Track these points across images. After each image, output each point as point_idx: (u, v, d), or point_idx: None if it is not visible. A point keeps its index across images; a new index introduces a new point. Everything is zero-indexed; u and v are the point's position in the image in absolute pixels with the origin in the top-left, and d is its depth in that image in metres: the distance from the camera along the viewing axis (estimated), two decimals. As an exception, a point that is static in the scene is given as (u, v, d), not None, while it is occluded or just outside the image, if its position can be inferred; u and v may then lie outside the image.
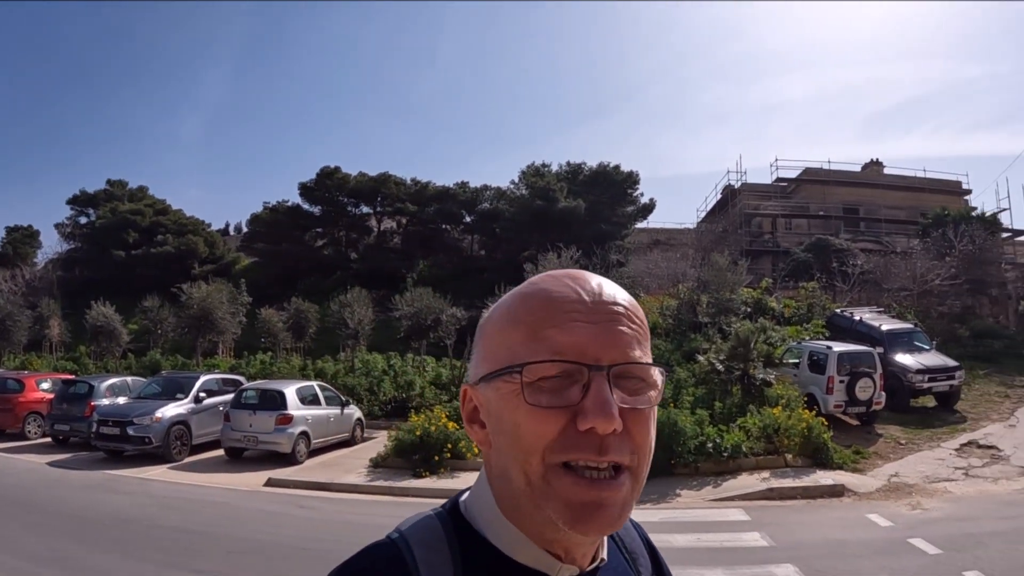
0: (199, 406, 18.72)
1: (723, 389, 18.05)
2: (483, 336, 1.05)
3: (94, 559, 9.06)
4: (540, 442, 0.92)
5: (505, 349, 0.98)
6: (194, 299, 31.61)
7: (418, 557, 0.98)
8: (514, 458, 0.95)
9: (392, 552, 0.99)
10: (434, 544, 1.00)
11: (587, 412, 0.90)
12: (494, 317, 1.04)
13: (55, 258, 59.02)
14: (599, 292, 0.99)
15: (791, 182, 51.50)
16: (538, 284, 1.01)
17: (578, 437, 0.91)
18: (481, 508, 1.04)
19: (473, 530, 1.02)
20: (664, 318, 29.83)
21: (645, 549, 1.26)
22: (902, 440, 17.43)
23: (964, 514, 11.35)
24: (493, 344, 1.01)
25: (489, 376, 0.99)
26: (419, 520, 1.06)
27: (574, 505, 0.92)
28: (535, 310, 0.97)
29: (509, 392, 0.95)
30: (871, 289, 33.64)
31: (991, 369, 24.93)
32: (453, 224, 52.76)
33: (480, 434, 1.03)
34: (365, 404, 23.52)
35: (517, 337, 0.97)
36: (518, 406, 0.93)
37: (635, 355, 0.96)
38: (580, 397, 0.92)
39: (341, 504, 13.24)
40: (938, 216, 38.09)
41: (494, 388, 0.98)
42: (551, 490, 0.92)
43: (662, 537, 10.09)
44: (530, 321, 0.96)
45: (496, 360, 0.98)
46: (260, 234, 53.57)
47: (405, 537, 1.02)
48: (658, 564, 1.27)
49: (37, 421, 21.10)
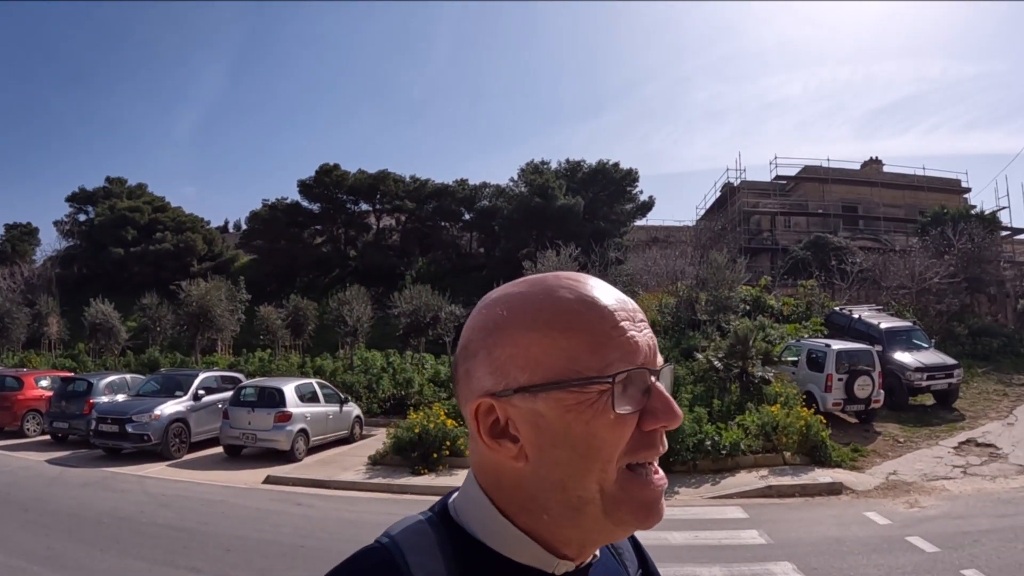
0: (198, 404, 18.72)
1: (721, 387, 18.05)
2: (507, 343, 0.97)
3: (91, 557, 9.04)
4: (617, 448, 0.93)
5: (564, 358, 0.93)
6: (193, 296, 31.61)
7: (411, 562, 0.96)
8: (586, 469, 0.93)
9: (384, 557, 0.98)
10: (426, 548, 0.99)
11: (658, 413, 0.95)
12: (520, 322, 0.96)
13: (54, 255, 59.07)
14: (624, 299, 1.00)
15: (790, 180, 51.52)
16: (579, 289, 0.98)
17: (643, 437, 0.95)
18: (474, 510, 1.02)
19: (465, 532, 1.01)
20: (663, 316, 29.88)
21: (629, 543, 1.27)
22: (900, 438, 17.45)
23: (961, 512, 11.36)
24: (536, 353, 0.94)
25: (541, 388, 0.93)
26: (409, 524, 1.04)
27: (647, 505, 0.96)
28: (596, 318, 0.95)
29: (579, 404, 0.92)
30: (870, 287, 33.65)
31: (989, 367, 24.95)
32: (452, 221, 52.76)
33: (512, 449, 0.97)
34: (364, 402, 23.51)
35: (579, 346, 0.93)
36: (596, 416, 0.92)
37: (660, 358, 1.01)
38: (645, 400, 0.95)
39: (339, 501, 13.23)
40: (937, 214, 38.06)
41: (552, 399, 0.93)
42: (625, 493, 0.95)
43: (659, 535, 10.09)
44: (593, 329, 0.94)
45: (549, 371, 0.93)
46: (259, 231, 53.52)
47: (396, 542, 1.00)
48: (643, 557, 1.28)
49: (36, 419, 21.13)
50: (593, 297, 0.96)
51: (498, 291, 1.05)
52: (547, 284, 1.00)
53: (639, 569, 1.25)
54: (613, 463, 0.93)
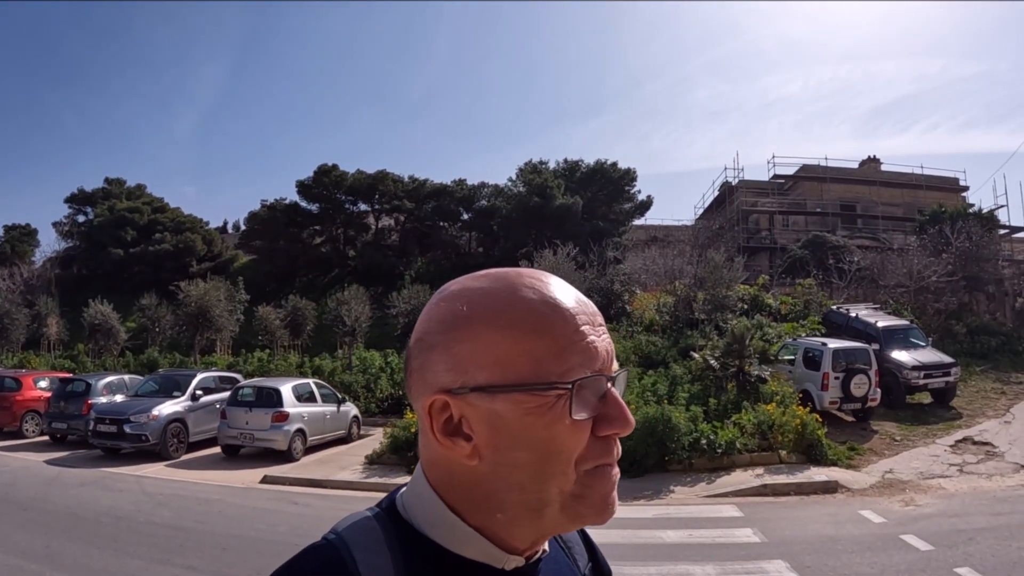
0: (196, 404, 18.76)
1: (718, 386, 18.06)
2: (469, 340, 0.94)
3: (88, 555, 9.07)
4: (575, 453, 0.93)
5: (529, 360, 0.91)
6: (192, 297, 31.63)
7: (358, 559, 0.95)
8: (546, 472, 0.93)
9: (332, 555, 0.96)
10: (374, 545, 0.98)
11: (612, 419, 0.94)
12: (483, 320, 0.94)
13: (53, 256, 59.06)
14: (585, 302, 0.99)
15: (788, 179, 51.52)
16: (543, 290, 0.96)
17: (599, 443, 0.95)
18: (423, 507, 1.01)
19: (413, 529, 1.00)
20: (660, 315, 29.90)
21: (579, 536, 1.27)
22: (897, 436, 17.46)
23: (957, 510, 11.37)
24: (498, 353, 0.93)
25: (500, 388, 0.92)
26: (356, 520, 1.03)
27: (604, 503, 0.96)
28: (560, 322, 0.93)
29: (539, 407, 0.91)
30: (867, 286, 33.68)
31: (987, 366, 24.94)
32: (450, 221, 52.73)
33: (465, 448, 0.94)
34: (362, 401, 23.57)
35: (544, 348, 0.92)
36: (555, 420, 0.91)
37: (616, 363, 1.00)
38: (599, 406, 0.94)
39: (336, 501, 13.25)
40: (935, 213, 38.05)
41: (511, 401, 0.92)
42: (587, 491, 0.95)
43: (654, 533, 10.14)
44: (557, 333, 0.93)
45: (511, 372, 0.92)
46: (258, 232, 53.50)
47: (343, 538, 0.99)
48: (592, 550, 1.28)
49: (35, 419, 21.19)
50: (557, 299, 0.95)
51: (457, 284, 1.01)
52: (510, 282, 0.97)
53: (589, 563, 1.25)
54: (571, 466, 0.92)
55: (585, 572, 1.22)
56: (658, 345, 25.33)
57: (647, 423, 14.62)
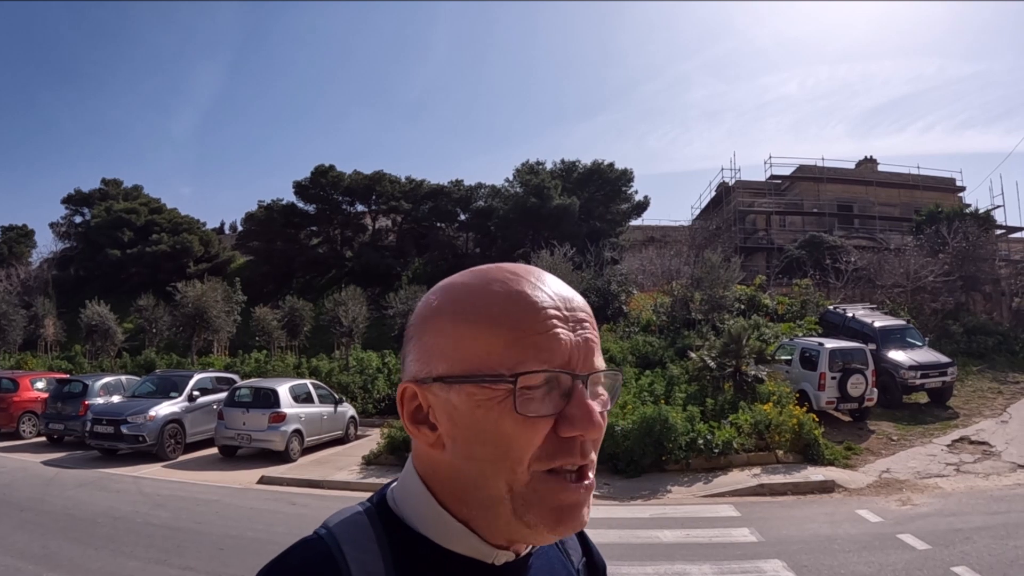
0: (193, 404, 18.75)
1: (715, 386, 18.10)
2: (435, 332, 0.97)
3: (85, 556, 9.07)
4: (527, 451, 0.90)
5: (480, 352, 0.92)
6: (189, 298, 31.59)
7: (348, 555, 0.95)
8: (498, 468, 0.92)
9: (321, 549, 0.97)
10: (362, 542, 0.98)
11: (575, 420, 0.90)
12: (453, 311, 0.96)
13: (50, 257, 59.05)
14: (567, 297, 0.97)
15: (785, 179, 51.51)
16: (509, 283, 0.96)
17: (561, 443, 0.91)
18: (413, 501, 1.01)
19: (403, 524, 1.01)
20: (658, 315, 29.91)
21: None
22: (894, 436, 17.50)
23: (953, 510, 11.40)
24: (456, 344, 0.94)
25: (455, 379, 0.93)
26: (347, 516, 1.03)
27: (560, 510, 0.92)
28: (518, 314, 0.92)
29: (488, 400, 0.91)
30: (864, 286, 33.70)
31: (984, 365, 24.98)
32: (447, 222, 52.65)
33: (430, 436, 0.97)
34: (359, 402, 23.57)
35: (498, 341, 0.92)
36: (503, 415, 0.90)
37: (600, 362, 0.97)
38: (563, 405, 0.91)
39: (333, 501, 13.19)
40: (932, 213, 38.11)
41: (464, 393, 0.92)
42: (536, 497, 0.92)
43: (652, 533, 10.16)
44: (514, 326, 0.92)
45: (465, 363, 0.93)
46: (255, 232, 53.41)
47: (333, 533, 0.99)
48: (587, 546, 1.28)
49: (32, 420, 21.16)
50: (522, 292, 0.94)
51: (446, 279, 1.03)
52: (485, 276, 0.98)
53: (583, 558, 1.24)
54: (523, 464, 0.91)
55: (579, 567, 1.21)
56: (655, 345, 25.34)
57: (644, 423, 14.67)
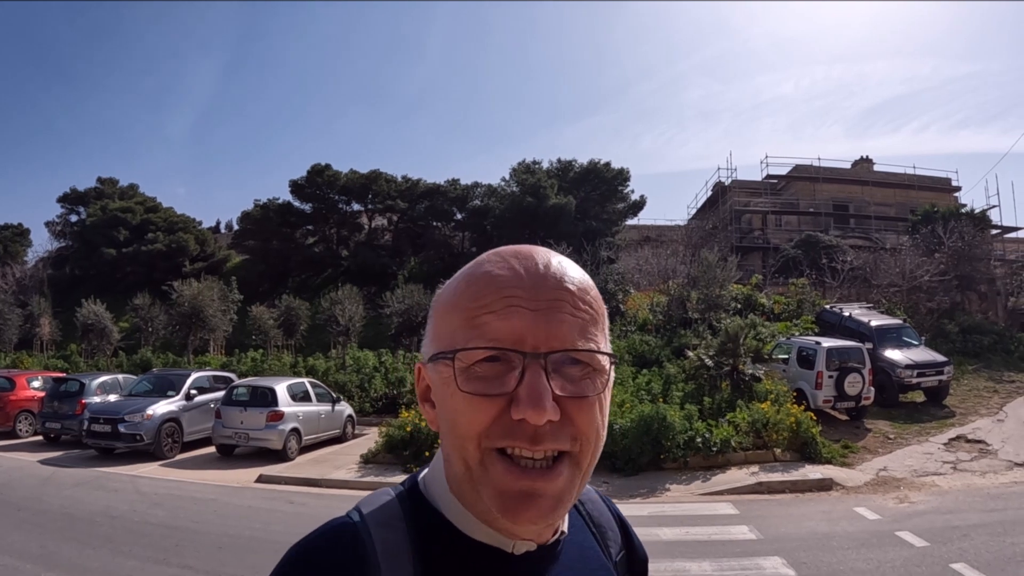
0: (190, 403, 18.70)
1: (712, 384, 18.09)
2: (433, 315, 1.03)
3: (83, 555, 9.05)
4: (474, 428, 0.91)
5: (447, 333, 0.96)
6: (185, 297, 31.57)
7: (375, 536, 0.97)
8: (452, 444, 0.95)
9: (349, 530, 0.98)
10: (391, 523, 1.00)
11: (520, 402, 0.88)
12: (440, 297, 1.02)
13: (45, 256, 58.88)
14: (544, 274, 0.95)
15: (781, 179, 51.58)
16: (482, 265, 0.98)
17: (512, 425, 0.89)
18: (438, 486, 1.03)
19: (432, 508, 1.02)
20: (654, 314, 29.95)
21: (616, 524, 1.26)
22: (891, 435, 17.52)
23: (951, 507, 11.42)
24: (437, 325, 1.00)
25: (433, 359, 0.98)
26: (377, 497, 1.06)
27: (506, 494, 0.90)
28: (475, 295, 0.94)
29: (448, 377, 0.93)
30: (860, 285, 33.74)
31: (980, 364, 25.03)
32: (443, 221, 52.65)
33: (431, 413, 1.02)
34: (356, 401, 23.56)
35: (456, 321, 0.95)
36: (454, 392, 0.92)
37: (578, 342, 0.93)
38: (516, 385, 0.90)
39: (331, 500, 13.22)
40: (927, 213, 38.14)
41: (436, 371, 0.97)
42: (486, 476, 0.92)
43: (651, 530, 10.15)
44: (469, 306, 0.94)
45: (439, 342, 0.97)
46: (251, 231, 53.37)
47: (363, 515, 1.01)
48: (629, 539, 1.28)
49: (29, 419, 21.10)
50: (486, 273, 0.96)
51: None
52: (475, 261, 1.02)
53: (623, 550, 1.24)
54: (472, 441, 0.91)
55: (617, 560, 1.21)
56: (652, 344, 25.37)
57: (642, 421, 14.68)
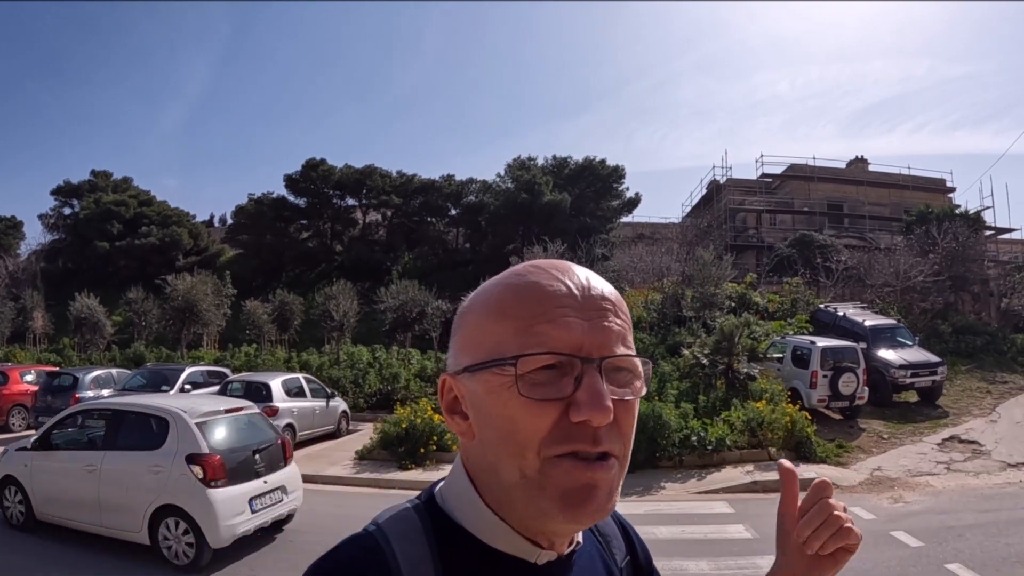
0: (184, 398, 18.64)
1: (707, 383, 18.11)
2: (464, 326, 1.03)
3: (80, 552, 9.03)
4: (536, 435, 0.92)
5: (493, 342, 0.96)
6: (178, 291, 31.55)
7: (397, 550, 0.97)
8: (508, 452, 0.94)
9: (371, 544, 0.98)
10: (412, 536, 1.00)
11: (581, 404, 0.91)
12: (476, 307, 1.02)
13: (38, 249, 58.65)
14: (588, 287, 0.99)
15: (776, 178, 51.60)
16: (527, 276, 0.99)
17: (572, 429, 0.92)
18: (458, 498, 1.04)
19: (451, 520, 1.02)
20: (648, 312, 29.93)
21: (619, 531, 1.28)
22: (885, 434, 17.56)
23: (945, 507, 11.45)
24: (478, 335, 0.99)
25: (474, 367, 0.97)
26: (396, 512, 1.05)
27: (570, 491, 0.92)
28: (527, 304, 0.96)
29: (499, 385, 0.94)
30: (854, 285, 33.81)
31: (973, 365, 25.10)
32: (438, 217, 52.67)
33: (462, 425, 1.02)
34: (350, 396, 23.56)
35: (507, 330, 0.95)
36: (510, 399, 0.93)
37: (622, 348, 0.98)
38: (572, 390, 0.92)
39: (326, 496, 13.18)
40: (922, 213, 38.24)
41: (481, 380, 0.96)
42: (547, 480, 0.92)
43: (646, 529, 10.14)
44: (522, 315, 0.95)
45: (482, 352, 0.97)
46: (245, 226, 53.27)
47: (383, 529, 1.01)
48: (632, 546, 1.29)
49: (21, 413, 20.99)
50: (535, 283, 0.97)
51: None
52: (508, 272, 1.03)
53: (627, 556, 1.26)
54: (532, 449, 0.92)
55: (622, 567, 1.23)
56: (646, 342, 25.36)
57: (637, 419, 14.64)
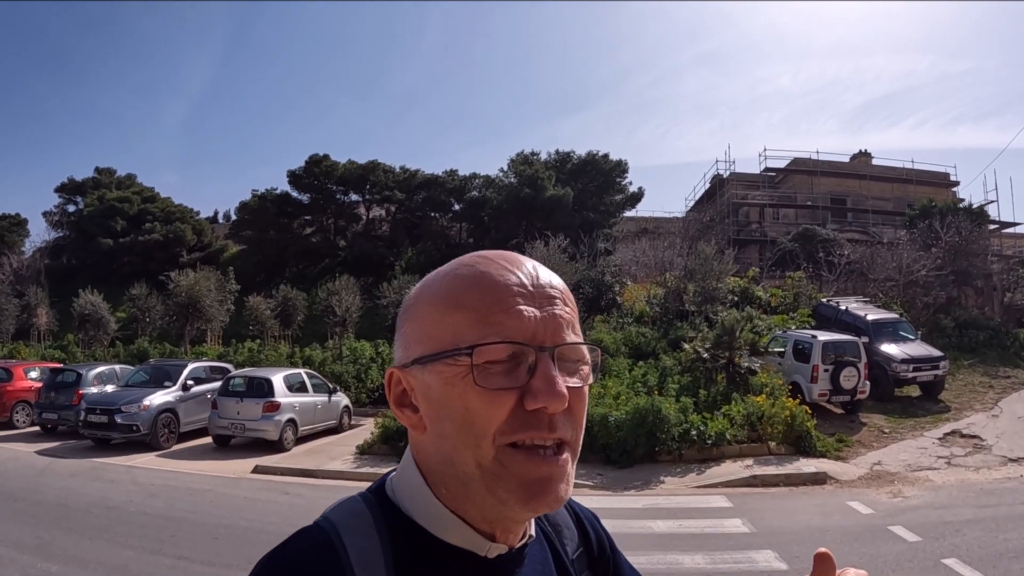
0: (187, 394, 18.74)
1: (708, 377, 18.12)
2: (413, 317, 1.02)
3: (79, 546, 9.08)
4: (491, 425, 0.92)
5: (448, 333, 0.96)
6: (182, 287, 31.54)
7: (347, 543, 0.96)
8: (464, 443, 0.94)
9: (322, 539, 0.98)
10: (363, 529, 0.99)
11: (537, 392, 0.92)
12: (426, 298, 1.02)
13: (43, 246, 58.62)
14: (537, 276, 1.00)
15: (779, 172, 51.54)
16: (476, 267, 1.00)
17: (527, 417, 0.92)
18: (410, 491, 1.04)
19: (401, 512, 1.02)
20: (651, 306, 29.94)
21: (573, 522, 1.27)
22: (886, 429, 17.56)
23: (944, 502, 11.47)
24: (430, 326, 0.99)
25: (427, 359, 0.97)
26: (346, 504, 1.05)
27: (528, 483, 0.93)
28: (482, 295, 0.96)
29: (454, 375, 0.94)
30: (857, 279, 33.70)
31: (975, 360, 25.03)
32: (441, 212, 52.52)
33: (412, 418, 1.02)
34: (352, 392, 23.61)
35: (462, 321, 0.95)
36: (466, 389, 0.93)
37: (572, 337, 0.99)
38: (527, 378, 0.93)
39: (327, 491, 13.22)
40: (925, 207, 38.10)
41: (434, 372, 0.96)
42: (504, 471, 0.93)
43: (644, 523, 10.20)
44: (476, 305, 0.95)
45: (435, 343, 0.97)
46: (248, 222, 53.16)
47: (333, 522, 1.00)
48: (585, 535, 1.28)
49: (25, 410, 21.11)
50: (486, 274, 0.98)
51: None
52: (456, 263, 1.04)
53: (579, 547, 1.25)
54: (488, 438, 0.93)
55: (573, 558, 1.22)
56: (648, 336, 25.38)
57: (637, 414, 14.71)
